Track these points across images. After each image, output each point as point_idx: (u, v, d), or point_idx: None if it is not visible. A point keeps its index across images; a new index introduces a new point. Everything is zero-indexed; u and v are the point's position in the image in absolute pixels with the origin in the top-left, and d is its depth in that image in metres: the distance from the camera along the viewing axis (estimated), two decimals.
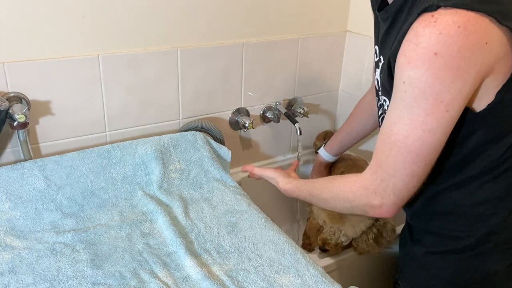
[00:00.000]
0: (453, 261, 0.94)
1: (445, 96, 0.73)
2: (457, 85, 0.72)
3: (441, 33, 0.69)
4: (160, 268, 0.98)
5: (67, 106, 1.27)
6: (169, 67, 1.39)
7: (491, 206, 0.88)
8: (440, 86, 0.72)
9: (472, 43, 0.70)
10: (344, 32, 1.71)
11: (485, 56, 0.72)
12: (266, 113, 1.62)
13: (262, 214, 1.18)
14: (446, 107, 0.74)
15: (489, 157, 0.84)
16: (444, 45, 0.70)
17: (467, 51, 0.70)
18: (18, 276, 0.93)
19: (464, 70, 0.71)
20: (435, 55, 0.70)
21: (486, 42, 0.70)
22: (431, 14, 0.71)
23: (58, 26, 1.19)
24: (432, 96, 0.73)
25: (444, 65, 0.71)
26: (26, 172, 1.16)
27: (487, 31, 0.70)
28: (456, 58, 0.70)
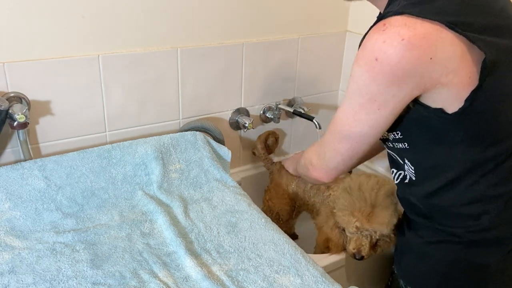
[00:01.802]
0: (449, 251, 0.96)
1: (378, 97, 0.79)
2: (391, 90, 0.77)
3: (385, 41, 0.74)
4: (160, 268, 0.98)
5: (67, 106, 1.27)
6: (169, 67, 1.39)
7: (481, 205, 0.89)
8: (375, 87, 0.78)
9: (413, 57, 0.73)
10: (344, 32, 1.71)
11: (427, 71, 0.75)
12: (266, 113, 1.62)
13: (262, 214, 1.18)
14: (378, 106, 0.80)
15: (471, 157, 0.86)
16: (385, 53, 0.74)
17: (406, 63, 0.73)
18: (18, 276, 0.93)
19: (401, 80, 0.75)
20: (375, 60, 0.75)
21: (431, 57, 0.73)
22: (383, 23, 0.76)
23: (58, 26, 1.19)
24: (367, 95, 0.80)
25: (382, 71, 0.75)
26: (26, 172, 1.16)
27: (434, 46, 0.73)
28: (394, 67, 0.74)
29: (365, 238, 1.15)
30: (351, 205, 1.14)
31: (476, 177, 0.87)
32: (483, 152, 0.85)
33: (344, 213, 1.15)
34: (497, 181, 0.88)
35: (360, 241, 1.16)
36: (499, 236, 0.92)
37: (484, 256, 0.94)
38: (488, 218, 0.90)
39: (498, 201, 0.89)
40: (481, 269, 0.95)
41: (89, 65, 1.26)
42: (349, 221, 1.14)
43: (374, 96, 0.80)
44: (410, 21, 0.73)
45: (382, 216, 1.12)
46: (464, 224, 0.92)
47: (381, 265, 1.38)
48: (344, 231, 1.21)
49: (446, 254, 0.97)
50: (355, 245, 1.16)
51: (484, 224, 0.90)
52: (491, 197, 0.89)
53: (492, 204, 0.89)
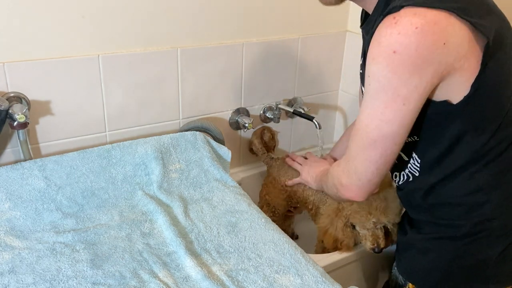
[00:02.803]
0: (450, 247, 0.97)
1: (402, 90, 0.79)
2: (413, 81, 0.78)
3: (400, 33, 0.76)
4: (160, 268, 0.98)
5: (67, 106, 1.27)
6: (169, 67, 1.39)
7: (484, 194, 0.91)
8: (397, 81, 0.78)
9: (429, 43, 0.75)
10: (344, 32, 1.71)
11: (443, 56, 0.77)
12: (266, 113, 1.62)
13: (262, 214, 1.18)
14: (403, 100, 0.80)
15: (473, 146, 0.88)
16: (402, 44, 0.76)
17: (424, 50, 0.75)
18: (18, 276, 0.93)
19: (421, 68, 0.77)
20: (394, 53, 0.76)
21: (444, 42, 0.76)
22: (393, 16, 0.77)
23: (58, 26, 1.19)
24: (390, 90, 0.80)
25: (402, 62, 0.77)
26: (26, 172, 1.17)
27: (446, 32, 0.75)
28: (413, 56, 0.76)
29: (380, 231, 1.18)
30: (368, 205, 1.16)
31: (479, 166, 0.89)
32: (487, 141, 0.87)
33: (361, 214, 1.17)
34: (498, 170, 0.89)
35: (376, 235, 1.18)
36: (502, 226, 0.93)
37: (487, 249, 0.94)
38: (490, 207, 0.91)
39: (499, 190, 0.91)
40: (482, 263, 0.95)
41: (89, 65, 1.26)
42: (367, 219, 1.17)
43: (398, 90, 0.79)
44: (419, 10, 0.75)
45: (395, 207, 1.16)
46: (466, 215, 0.93)
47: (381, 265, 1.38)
48: (354, 228, 1.22)
49: (447, 250, 0.98)
50: (373, 240, 1.18)
51: (486, 214, 0.91)
52: (493, 186, 0.90)
53: (493, 192, 0.90)
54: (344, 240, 1.23)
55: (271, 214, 1.49)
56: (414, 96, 0.80)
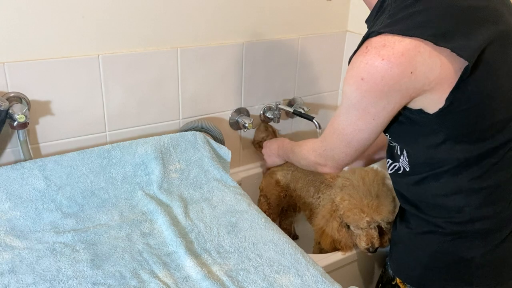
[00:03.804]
0: (433, 242, 0.99)
1: (370, 109, 0.87)
2: (381, 103, 0.85)
3: (367, 63, 0.81)
4: (160, 268, 0.98)
5: (67, 106, 1.27)
6: (169, 67, 1.39)
7: (463, 197, 0.93)
8: (366, 102, 0.86)
9: (395, 74, 0.79)
10: (344, 32, 1.71)
11: (410, 83, 0.81)
12: (266, 113, 1.62)
13: (262, 214, 1.18)
14: (372, 116, 0.88)
15: (454, 153, 0.89)
16: (369, 73, 0.81)
17: (389, 79, 0.80)
18: (18, 276, 0.93)
19: (388, 94, 0.83)
20: (362, 80, 0.83)
21: (411, 71, 0.79)
22: (366, 45, 0.83)
23: (58, 26, 1.19)
24: (360, 108, 0.88)
25: (369, 88, 0.83)
26: (26, 172, 1.16)
27: (413, 61, 0.78)
28: (379, 84, 0.81)
29: (374, 230, 1.19)
30: (360, 202, 1.16)
31: (460, 169, 0.91)
32: (468, 150, 0.89)
33: (354, 212, 1.17)
34: (479, 174, 0.91)
35: (370, 234, 1.19)
36: (484, 229, 0.94)
37: (468, 250, 0.96)
38: (469, 211, 0.93)
39: (478, 194, 0.92)
40: (464, 263, 0.97)
41: (89, 65, 1.26)
42: (360, 218, 1.17)
43: (367, 109, 0.87)
44: (389, 40, 0.80)
45: (387, 204, 1.17)
46: (447, 215, 0.95)
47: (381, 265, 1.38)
48: (349, 228, 1.22)
49: (430, 245, 1.00)
50: (367, 240, 1.19)
51: (465, 216, 0.93)
52: (472, 190, 0.92)
53: (472, 196, 0.92)
54: (342, 241, 1.23)
55: (267, 207, 1.50)
56: (382, 113, 0.87)
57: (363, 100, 0.86)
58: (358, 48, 0.86)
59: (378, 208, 1.16)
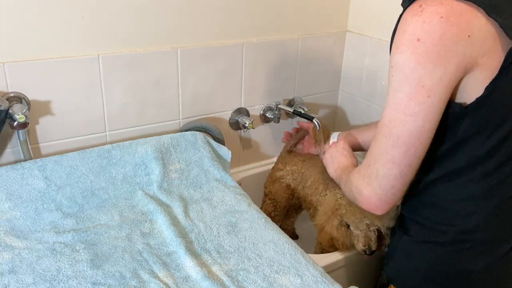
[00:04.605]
0: (432, 252, 0.96)
1: (426, 81, 0.76)
2: (437, 71, 0.76)
3: (425, 21, 0.74)
4: (160, 268, 0.98)
5: (67, 106, 1.27)
6: (169, 67, 1.39)
7: (473, 204, 0.89)
8: (421, 71, 0.76)
9: (453, 34, 0.74)
10: (344, 32, 1.71)
11: (467, 48, 0.75)
12: (266, 113, 1.62)
13: (262, 214, 1.18)
14: (427, 92, 0.77)
15: (475, 151, 0.85)
16: (426, 32, 0.74)
17: (447, 40, 0.74)
18: (18, 276, 0.93)
19: (445, 58, 0.75)
20: (418, 41, 0.75)
21: (469, 35, 0.74)
22: (419, 4, 0.76)
23: (58, 26, 1.19)
24: (414, 81, 0.77)
25: (426, 51, 0.75)
26: (26, 172, 1.17)
27: (471, 24, 0.74)
28: (437, 45, 0.74)
29: (373, 233, 1.17)
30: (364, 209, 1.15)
31: (476, 175, 0.87)
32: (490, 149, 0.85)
33: (355, 214, 1.17)
34: (494, 183, 0.87)
35: (368, 237, 1.17)
36: (488, 240, 0.91)
37: (469, 261, 0.92)
38: (476, 219, 0.89)
39: (490, 203, 0.88)
40: (464, 275, 0.93)
41: (89, 65, 1.26)
42: (360, 220, 1.16)
43: (422, 80, 0.77)
44: (445, 1, 0.75)
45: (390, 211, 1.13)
46: (452, 221, 0.92)
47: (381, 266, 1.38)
48: (349, 228, 1.22)
49: (429, 255, 0.96)
50: (365, 242, 1.18)
51: (471, 224, 0.90)
52: (485, 198, 0.88)
53: (483, 205, 0.88)
54: (340, 239, 1.23)
55: (273, 209, 1.49)
56: (438, 88, 0.77)
57: (418, 68, 0.76)
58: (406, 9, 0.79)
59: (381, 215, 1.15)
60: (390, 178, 0.85)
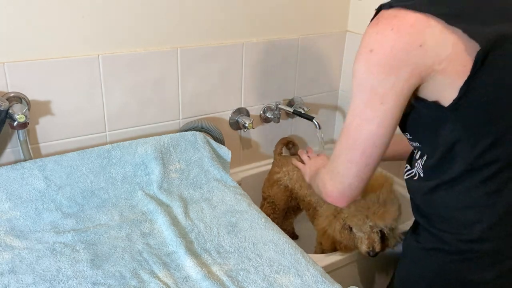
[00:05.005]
0: (438, 260, 0.94)
1: (378, 89, 0.81)
2: (389, 80, 0.80)
3: (378, 33, 0.79)
4: (160, 268, 0.98)
5: (67, 106, 1.27)
6: (169, 67, 1.39)
7: (476, 212, 0.87)
8: (374, 80, 0.81)
9: (404, 44, 0.77)
10: (344, 32, 1.71)
11: (419, 57, 0.77)
12: (266, 113, 1.62)
13: (262, 214, 1.18)
14: (380, 99, 0.81)
15: (468, 158, 0.84)
16: (379, 43, 0.79)
17: (398, 51, 0.78)
18: (18, 276, 0.93)
19: (396, 68, 0.79)
20: (370, 52, 0.80)
21: (420, 44, 0.77)
22: (378, 17, 0.82)
23: (58, 26, 1.19)
24: (367, 88, 0.82)
25: (378, 61, 0.79)
26: (26, 172, 1.16)
27: (422, 34, 0.76)
28: (388, 56, 0.78)
29: (376, 235, 1.18)
30: (366, 209, 1.15)
31: (475, 181, 0.86)
32: (482, 153, 0.84)
33: (358, 217, 1.17)
34: (495, 189, 0.85)
35: (372, 238, 1.18)
36: (495, 251, 0.88)
37: (476, 272, 0.90)
38: (480, 228, 0.87)
39: (492, 211, 0.86)
40: (470, 286, 0.91)
41: (89, 65, 1.26)
42: (364, 223, 1.16)
43: (375, 88, 0.81)
44: (400, 12, 0.78)
45: (392, 212, 1.16)
46: (455, 230, 0.90)
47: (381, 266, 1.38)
48: (351, 231, 1.22)
49: (435, 263, 0.95)
50: (368, 243, 1.18)
51: (475, 234, 0.88)
52: (487, 206, 0.86)
53: (485, 213, 0.87)
54: (342, 242, 1.23)
55: (272, 211, 1.49)
56: (391, 95, 0.81)
57: (370, 77, 0.81)
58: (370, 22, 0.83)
59: (383, 215, 1.14)
60: (348, 176, 0.91)
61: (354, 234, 1.21)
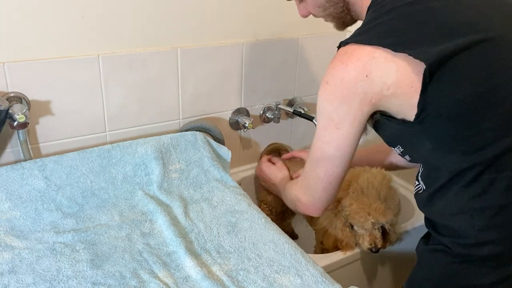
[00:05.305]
0: (443, 261, 0.94)
1: (334, 116, 0.92)
2: (343, 108, 0.91)
3: (332, 68, 0.91)
4: (160, 268, 0.98)
5: (67, 106, 1.27)
6: (169, 67, 1.39)
7: (467, 217, 0.88)
8: (329, 107, 0.93)
9: (351, 77, 0.87)
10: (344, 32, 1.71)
11: (366, 86, 0.86)
12: (266, 113, 1.62)
13: (262, 214, 1.18)
14: (336, 125, 0.93)
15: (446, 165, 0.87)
16: (331, 76, 0.91)
17: (347, 82, 0.88)
18: (18, 276, 0.93)
19: (347, 97, 0.89)
20: (326, 84, 0.92)
21: (366, 75, 0.86)
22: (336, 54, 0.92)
23: (58, 26, 1.19)
24: (325, 115, 0.94)
25: (331, 91, 0.91)
26: (26, 172, 1.16)
27: (368, 65, 0.85)
28: (340, 87, 0.89)
29: (377, 231, 1.19)
30: (368, 207, 1.16)
31: (459, 186, 0.87)
32: (459, 160, 0.85)
33: (360, 215, 1.17)
34: (478, 192, 0.86)
35: (374, 235, 1.19)
36: (493, 256, 0.88)
37: (478, 276, 0.90)
38: (474, 233, 0.87)
39: (482, 215, 0.86)
40: None
41: (89, 65, 1.26)
42: (365, 220, 1.17)
43: (330, 115, 0.93)
44: (351, 48, 0.88)
45: (393, 207, 1.18)
46: (455, 236, 0.91)
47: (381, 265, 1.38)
48: (353, 228, 1.22)
49: (440, 264, 0.95)
50: (370, 240, 1.19)
51: (470, 239, 0.88)
52: (474, 210, 0.87)
53: (476, 218, 0.87)
54: (344, 240, 1.23)
55: (268, 213, 1.49)
56: (345, 122, 0.92)
57: (327, 105, 0.92)
58: None
59: (385, 211, 1.16)
60: (317, 190, 1.04)
61: (356, 231, 1.22)
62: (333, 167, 0.99)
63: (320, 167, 1.00)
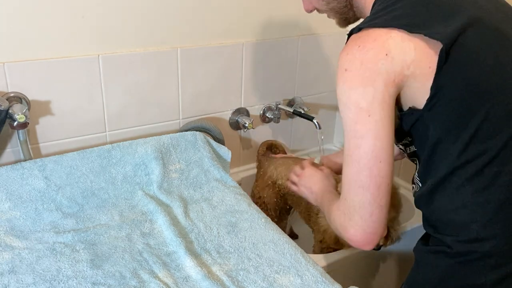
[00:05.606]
0: (442, 263, 0.94)
1: (362, 103, 0.84)
2: (368, 91, 0.84)
3: (348, 53, 0.87)
4: (160, 268, 0.98)
5: (67, 106, 1.27)
6: (169, 67, 1.39)
7: (469, 212, 0.87)
8: (355, 95, 0.85)
9: (371, 57, 0.84)
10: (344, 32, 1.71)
11: (388, 65, 0.83)
12: (266, 113, 1.62)
13: (262, 214, 1.18)
14: (367, 112, 0.84)
15: (450, 155, 0.86)
16: (350, 62, 0.86)
17: (368, 63, 0.84)
18: (18, 276, 0.93)
19: (371, 79, 0.84)
20: (345, 71, 0.86)
21: (386, 53, 0.83)
22: (346, 42, 0.89)
23: (58, 26, 1.20)
24: (352, 105, 0.85)
25: (353, 77, 0.85)
26: (26, 172, 1.17)
27: (386, 44, 0.83)
28: (360, 70, 0.84)
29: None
30: None
31: (462, 180, 0.86)
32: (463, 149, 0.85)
33: None
34: (483, 186, 0.85)
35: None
36: (497, 253, 0.87)
37: (478, 275, 0.89)
38: (476, 228, 0.87)
39: (485, 209, 0.86)
40: None
41: (89, 65, 1.26)
42: None
43: (358, 103, 0.84)
44: (364, 33, 0.87)
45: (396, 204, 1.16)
46: (455, 232, 0.90)
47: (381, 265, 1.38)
48: None
49: (439, 266, 0.94)
50: None
51: (472, 234, 0.87)
52: (477, 204, 0.86)
53: (478, 212, 0.86)
54: None
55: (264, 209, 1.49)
56: (375, 106, 0.84)
57: (351, 93, 0.85)
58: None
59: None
60: (366, 205, 0.86)
61: None
62: (377, 163, 0.84)
63: (363, 170, 0.85)
